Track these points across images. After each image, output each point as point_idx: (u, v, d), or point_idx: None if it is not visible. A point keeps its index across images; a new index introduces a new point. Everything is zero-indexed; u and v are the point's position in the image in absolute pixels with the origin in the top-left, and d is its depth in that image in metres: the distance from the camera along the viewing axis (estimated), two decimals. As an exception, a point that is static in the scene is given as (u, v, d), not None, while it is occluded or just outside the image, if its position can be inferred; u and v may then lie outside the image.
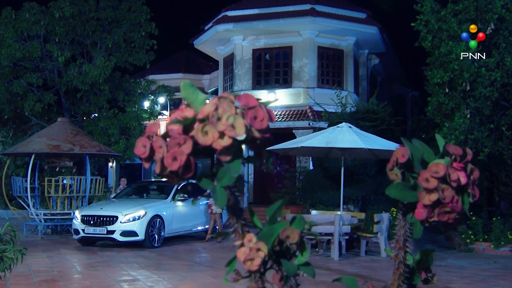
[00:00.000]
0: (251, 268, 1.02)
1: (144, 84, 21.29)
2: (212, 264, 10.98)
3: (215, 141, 0.95)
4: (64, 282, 8.60)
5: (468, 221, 13.67)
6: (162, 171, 0.98)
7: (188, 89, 1.03)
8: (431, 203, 1.01)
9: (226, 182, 1.00)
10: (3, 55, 18.48)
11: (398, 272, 1.17)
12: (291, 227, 1.04)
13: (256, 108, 0.99)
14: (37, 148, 15.56)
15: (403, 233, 1.14)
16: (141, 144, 0.99)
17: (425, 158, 1.10)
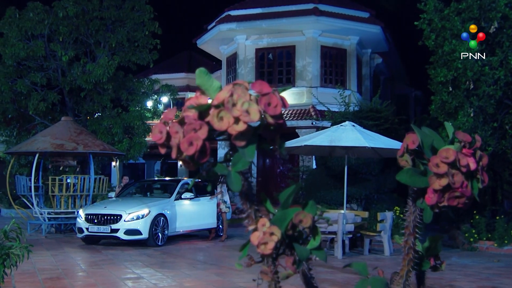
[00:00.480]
0: (265, 251, 1.05)
1: (148, 84, 21.33)
2: (216, 262, 11.00)
3: (230, 126, 0.98)
4: (69, 280, 8.63)
5: (472, 220, 13.68)
6: (179, 156, 1.01)
7: (203, 76, 1.05)
8: (441, 188, 1.03)
9: (240, 167, 1.02)
10: (7, 54, 18.56)
11: (408, 257, 1.19)
12: (304, 211, 1.06)
13: (270, 95, 1.01)
14: (41, 147, 15.61)
15: (413, 219, 1.16)
16: (158, 130, 1.02)
17: (434, 144, 1.12)
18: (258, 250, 1.08)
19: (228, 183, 1.04)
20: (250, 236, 1.09)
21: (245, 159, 1.01)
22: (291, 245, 1.09)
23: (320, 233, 1.10)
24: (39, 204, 16.38)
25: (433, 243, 1.28)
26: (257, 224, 1.08)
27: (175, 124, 1.02)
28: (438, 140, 1.12)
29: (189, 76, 33.78)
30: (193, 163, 1.03)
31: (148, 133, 21.62)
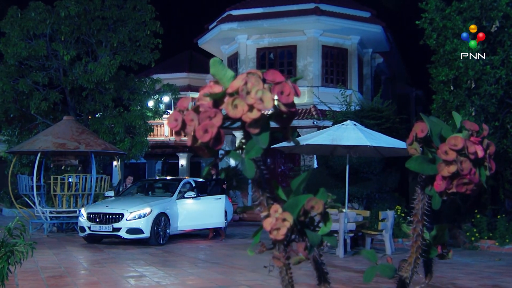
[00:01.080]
0: (277, 237, 1.07)
1: (149, 83, 21.36)
2: (217, 261, 11.02)
3: (245, 114, 1.00)
4: (71, 278, 8.65)
5: (473, 219, 13.70)
6: (194, 143, 1.03)
7: (217, 66, 1.07)
8: (450, 175, 1.06)
9: (254, 154, 1.05)
10: (9, 54, 18.61)
11: (416, 244, 1.21)
12: (315, 198, 1.09)
13: (283, 83, 1.04)
14: (43, 146, 15.63)
15: (421, 206, 1.18)
16: (173, 118, 1.04)
17: (443, 133, 1.14)
18: (270, 236, 1.10)
19: (242, 169, 1.07)
20: (263, 222, 1.12)
21: (259, 145, 1.03)
22: (303, 231, 1.12)
23: (331, 219, 1.12)
24: (41, 203, 16.40)
25: (440, 231, 1.30)
26: (269, 211, 1.11)
27: (191, 112, 1.04)
28: (446, 129, 1.15)
29: (190, 76, 33.82)
30: (208, 150, 1.05)
31: (150, 132, 21.65)
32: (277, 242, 1.11)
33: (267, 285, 7.97)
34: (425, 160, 1.12)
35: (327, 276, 1.28)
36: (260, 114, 1.01)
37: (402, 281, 1.33)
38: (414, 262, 1.28)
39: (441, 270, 9.67)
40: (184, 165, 31.59)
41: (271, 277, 8.85)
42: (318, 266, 1.22)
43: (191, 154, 31.74)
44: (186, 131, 1.05)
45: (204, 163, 34.01)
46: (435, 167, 1.10)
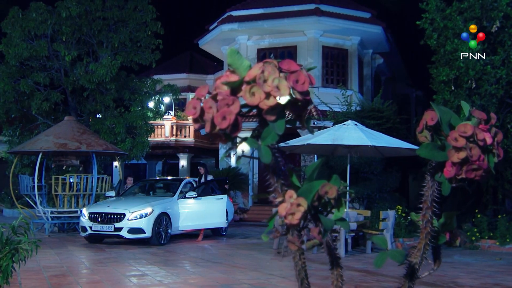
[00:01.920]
0: (292, 221, 1.10)
1: (150, 83, 21.40)
2: (219, 260, 11.05)
3: (262, 101, 1.04)
4: (74, 277, 8.69)
5: (473, 219, 13.74)
6: (212, 130, 1.07)
7: (235, 56, 1.11)
8: (459, 161, 1.09)
9: (270, 141, 1.08)
10: (10, 55, 18.65)
11: (426, 230, 1.24)
12: (329, 183, 1.12)
13: (298, 72, 1.07)
14: (45, 147, 15.67)
15: (431, 193, 1.22)
16: (192, 106, 1.08)
17: (452, 122, 1.18)
18: (285, 221, 1.14)
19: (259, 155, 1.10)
20: (278, 207, 1.15)
21: (275, 132, 1.07)
22: (317, 216, 1.15)
23: (344, 205, 1.16)
24: (42, 204, 16.44)
25: (448, 219, 1.34)
26: (284, 196, 1.14)
27: (209, 99, 1.08)
28: (455, 118, 1.19)
29: (191, 77, 33.89)
30: (225, 136, 1.08)
31: (151, 133, 21.69)
32: (292, 226, 1.14)
33: (269, 283, 8.01)
34: (435, 147, 1.16)
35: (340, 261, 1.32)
36: (277, 101, 1.04)
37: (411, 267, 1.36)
38: (424, 248, 1.32)
39: (442, 269, 9.71)
40: (185, 166, 31.63)
41: (273, 276, 8.89)
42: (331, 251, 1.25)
43: (191, 154, 31.79)
44: (205, 118, 1.08)
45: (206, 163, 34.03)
46: (445, 153, 1.14)
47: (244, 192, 24.28)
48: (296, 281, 2.00)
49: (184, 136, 30.63)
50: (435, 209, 1.26)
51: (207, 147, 31.54)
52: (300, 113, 1.13)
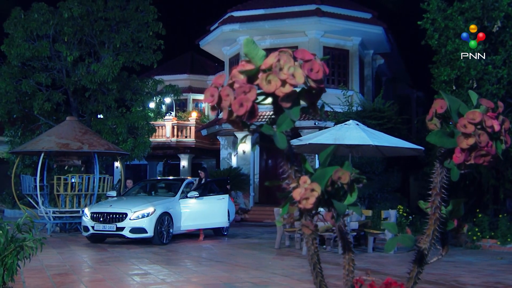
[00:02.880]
0: (306, 206, 1.14)
1: (151, 84, 21.44)
2: (221, 259, 11.08)
3: (278, 88, 1.07)
4: (77, 275, 8.72)
5: (475, 219, 13.77)
6: (229, 117, 1.10)
7: (250, 45, 1.14)
8: (468, 147, 1.13)
9: (285, 128, 1.12)
10: (12, 55, 18.69)
11: (434, 216, 1.28)
12: (342, 169, 1.16)
13: (312, 61, 1.11)
14: (47, 147, 15.70)
15: (439, 180, 1.25)
16: (209, 94, 1.11)
17: (460, 110, 1.21)
18: (299, 205, 1.17)
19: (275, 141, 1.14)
20: (292, 193, 1.18)
21: (290, 118, 1.10)
22: (330, 201, 1.19)
23: (356, 189, 1.19)
24: (44, 204, 16.47)
25: (456, 206, 1.37)
26: (298, 182, 1.18)
27: (227, 87, 1.11)
28: (463, 106, 1.22)
29: (192, 78, 33.95)
30: (242, 123, 1.12)
31: (152, 133, 21.73)
32: (306, 211, 1.18)
33: (272, 282, 8.04)
34: (445, 134, 1.20)
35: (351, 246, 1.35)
36: (292, 89, 1.08)
37: (420, 252, 1.40)
38: (432, 234, 1.35)
39: (444, 268, 9.73)
40: (186, 166, 31.67)
41: (275, 274, 8.92)
42: (343, 236, 1.29)
43: (192, 155, 31.84)
44: (222, 105, 1.12)
45: (205, 165, 34.08)
46: (454, 140, 1.17)
47: (245, 193, 24.32)
48: (298, 280, 2.03)
49: (185, 136, 30.68)
50: (443, 195, 1.29)
51: (208, 147, 31.59)
52: (314, 101, 1.16)
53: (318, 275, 1.33)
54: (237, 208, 22.15)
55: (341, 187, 1.19)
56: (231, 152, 26.27)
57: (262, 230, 18.53)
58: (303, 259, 10.93)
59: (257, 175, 25.09)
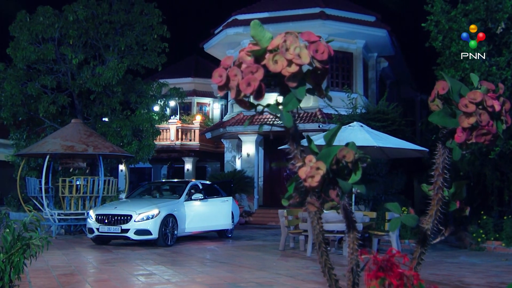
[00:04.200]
0: (312, 184, 1.17)
1: (156, 87, 21.52)
2: (226, 260, 11.11)
3: (284, 68, 1.11)
4: (82, 276, 8.76)
5: (479, 221, 13.75)
6: (237, 96, 1.14)
7: (257, 28, 1.18)
8: (469, 126, 1.16)
9: (291, 107, 1.15)
10: (18, 58, 18.81)
11: (437, 197, 1.31)
12: (347, 148, 1.19)
13: (318, 43, 1.14)
14: (52, 149, 15.78)
15: (442, 160, 1.28)
16: (218, 74, 1.15)
17: (461, 92, 1.25)
18: (305, 184, 1.20)
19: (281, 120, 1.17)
20: (298, 171, 1.22)
21: (296, 97, 1.14)
22: (335, 180, 1.22)
23: (361, 168, 1.23)
24: (49, 206, 16.54)
25: (458, 188, 1.40)
26: (304, 161, 1.21)
27: (235, 67, 1.15)
28: (464, 88, 1.25)
29: (196, 81, 34.03)
30: (249, 103, 1.15)
31: (157, 135, 21.80)
32: (311, 189, 1.21)
33: (276, 282, 8.05)
34: (447, 114, 1.23)
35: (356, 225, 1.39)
36: (298, 68, 1.11)
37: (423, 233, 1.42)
38: (435, 214, 1.38)
39: (448, 269, 9.74)
40: (190, 169, 31.72)
41: (280, 275, 8.94)
42: (348, 215, 1.32)
43: (196, 158, 31.89)
44: (230, 85, 1.15)
45: (210, 168, 34.14)
46: (456, 120, 1.20)
47: (250, 195, 24.34)
48: (302, 280, 2.05)
49: (189, 140, 30.74)
50: (446, 176, 1.32)
51: (212, 150, 31.64)
52: (319, 82, 1.19)
53: (324, 254, 1.36)
54: (241, 211, 22.17)
55: (345, 165, 1.22)
56: (236, 155, 26.31)
57: (266, 232, 18.54)
58: (308, 260, 10.94)
59: (261, 178, 25.11)
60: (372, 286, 1.25)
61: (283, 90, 1.17)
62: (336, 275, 1.49)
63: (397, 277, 1.21)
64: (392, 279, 1.21)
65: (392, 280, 1.21)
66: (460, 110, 1.19)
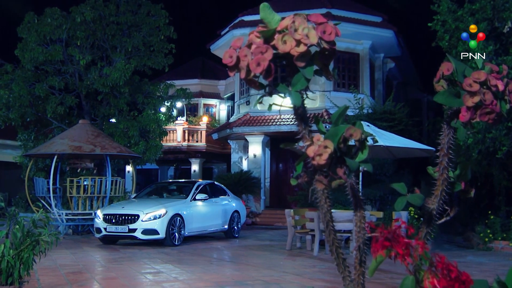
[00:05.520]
0: (320, 162, 1.20)
1: (163, 87, 21.61)
2: (233, 259, 11.16)
3: (293, 48, 1.14)
4: (90, 274, 8.83)
5: (487, 221, 13.72)
6: (247, 76, 1.17)
7: (267, 10, 1.21)
8: (473, 105, 1.19)
9: (299, 87, 1.18)
10: (26, 59, 18.94)
11: (442, 177, 1.34)
12: (354, 127, 1.23)
13: (325, 24, 1.18)
14: (60, 149, 15.87)
15: (447, 140, 1.31)
16: (228, 55, 1.19)
17: (466, 73, 1.28)
18: (313, 162, 1.23)
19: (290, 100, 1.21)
20: (306, 150, 1.25)
21: (305, 76, 1.17)
22: (342, 158, 1.25)
23: (367, 147, 1.26)
24: (57, 206, 16.63)
25: (464, 170, 1.43)
26: (312, 140, 1.24)
27: (245, 48, 1.18)
28: (469, 70, 1.28)
29: (202, 82, 34.10)
30: (259, 83, 1.19)
31: (164, 136, 21.87)
32: (319, 167, 1.24)
33: (283, 280, 8.08)
34: (452, 93, 1.26)
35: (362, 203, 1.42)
36: (306, 48, 1.15)
37: (429, 213, 1.45)
38: (440, 195, 1.41)
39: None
40: (197, 171, 31.78)
41: (287, 273, 8.97)
42: (355, 193, 1.35)
43: (203, 159, 31.95)
44: (240, 65, 1.19)
45: (216, 169, 34.18)
46: (461, 100, 1.23)
47: (256, 196, 24.37)
48: (309, 278, 2.08)
49: (196, 141, 30.79)
50: (451, 156, 1.35)
51: (219, 152, 31.69)
52: (326, 62, 1.23)
53: (331, 233, 1.40)
54: (248, 212, 22.20)
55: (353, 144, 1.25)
56: (242, 156, 26.34)
57: (273, 233, 18.57)
58: (315, 259, 10.96)
59: (268, 179, 25.13)
60: (379, 255, 1.28)
61: (292, 70, 1.21)
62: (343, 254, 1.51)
63: (403, 247, 1.24)
64: (398, 248, 1.24)
65: (398, 250, 1.24)
66: (464, 90, 1.22)
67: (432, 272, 1.23)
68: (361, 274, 1.44)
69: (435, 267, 1.24)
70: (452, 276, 1.26)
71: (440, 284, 1.21)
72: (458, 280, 1.26)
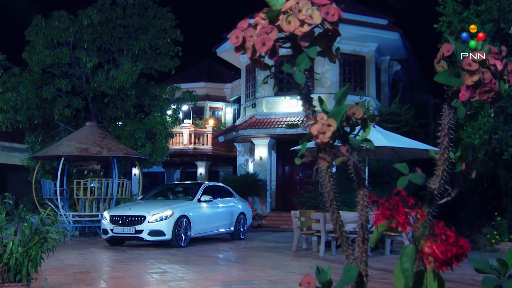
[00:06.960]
0: (323, 140, 1.24)
1: (169, 90, 21.70)
2: (239, 260, 11.18)
3: (297, 28, 1.18)
4: (97, 273, 8.87)
5: (493, 222, 13.69)
6: (253, 56, 1.21)
7: (272, -8, 1.25)
8: (473, 84, 1.23)
9: (303, 66, 1.22)
10: (33, 62, 19.08)
11: (443, 157, 1.37)
12: (356, 105, 1.26)
13: (328, 5, 1.21)
14: (67, 151, 15.96)
15: (447, 121, 1.35)
16: (235, 36, 1.23)
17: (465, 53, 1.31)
18: (317, 140, 1.27)
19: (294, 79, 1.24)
20: (310, 129, 1.29)
21: (309, 56, 1.21)
22: (345, 136, 1.29)
23: (370, 126, 1.29)
24: (64, 208, 16.72)
25: (464, 151, 1.46)
26: (316, 119, 1.28)
27: (250, 28, 1.22)
28: (468, 50, 1.32)
29: (208, 85, 34.19)
30: (264, 63, 1.23)
31: (170, 138, 21.94)
32: (323, 145, 1.28)
33: (289, 280, 8.10)
34: (452, 73, 1.29)
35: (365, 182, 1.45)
36: (310, 28, 1.19)
37: (430, 193, 1.49)
38: (441, 174, 1.44)
39: (462, 269, 9.67)
40: (203, 174, 31.83)
41: (293, 273, 8.99)
42: (357, 172, 1.38)
43: (209, 162, 32.00)
44: (246, 46, 1.23)
45: (222, 172, 34.23)
46: (461, 80, 1.27)
47: (262, 199, 24.39)
48: None
49: (202, 144, 30.85)
50: (451, 136, 1.38)
51: (225, 154, 31.74)
52: (330, 43, 1.27)
53: (335, 212, 1.43)
54: (254, 214, 22.23)
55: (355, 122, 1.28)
56: (248, 159, 26.38)
57: (279, 235, 18.58)
58: (321, 260, 10.97)
59: (274, 182, 25.16)
60: (380, 224, 1.32)
61: (296, 51, 1.25)
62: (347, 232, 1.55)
63: (403, 216, 1.27)
64: (398, 217, 1.28)
65: (398, 218, 1.27)
66: (464, 69, 1.25)
67: (431, 238, 1.27)
68: (364, 251, 1.47)
69: (433, 234, 1.28)
70: (450, 241, 1.29)
71: (439, 249, 1.25)
72: (455, 244, 1.29)
